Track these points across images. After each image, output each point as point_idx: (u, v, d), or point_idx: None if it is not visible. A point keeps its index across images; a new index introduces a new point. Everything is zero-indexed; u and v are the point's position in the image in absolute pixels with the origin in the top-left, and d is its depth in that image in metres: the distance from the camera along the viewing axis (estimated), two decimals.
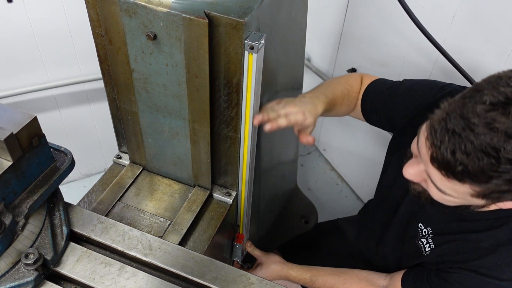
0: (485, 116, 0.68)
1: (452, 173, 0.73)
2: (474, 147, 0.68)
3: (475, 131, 0.68)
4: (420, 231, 1.09)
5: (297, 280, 1.31)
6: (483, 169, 0.69)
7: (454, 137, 0.70)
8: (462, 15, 1.39)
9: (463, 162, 0.70)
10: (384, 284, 1.19)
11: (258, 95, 0.95)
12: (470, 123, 0.68)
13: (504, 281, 0.92)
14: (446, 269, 1.02)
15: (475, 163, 0.69)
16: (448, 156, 0.71)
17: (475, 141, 0.68)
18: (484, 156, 0.68)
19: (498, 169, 0.68)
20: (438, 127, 0.73)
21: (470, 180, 0.72)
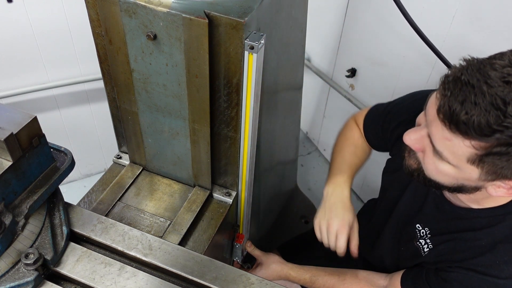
0: (502, 71, 0.69)
1: (455, 124, 0.73)
2: (484, 98, 0.68)
3: (488, 83, 0.69)
4: (418, 232, 1.09)
5: (297, 280, 1.31)
6: (488, 121, 0.69)
7: (467, 87, 0.71)
8: (462, 15, 1.39)
9: (470, 112, 0.70)
10: (383, 284, 1.19)
11: (258, 95, 0.95)
12: (486, 75, 0.69)
13: (503, 279, 0.92)
14: (444, 268, 1.02)
15: (482, 113, 0.69)
16: (456, 105, 0.71)
17: (487, 92, 0.68)
18: (492, 108, 0.68)
19: (503, 123, 0.68)
20: (452, 78, 0.73)
21: (473, 132, 0.71)
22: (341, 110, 2.22)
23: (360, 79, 2.00)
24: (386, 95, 1.85)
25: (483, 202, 0.93)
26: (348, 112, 2.14)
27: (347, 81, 2.07)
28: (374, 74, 1.90)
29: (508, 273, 0.91)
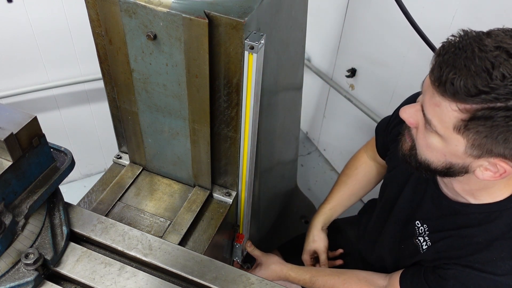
0: (495, 39, 0.73)
1: (444, 85, 0.75)
2: (474, 61, 0.72)
3: (481, 48, 0.72)
4: (417, 229, 1.09)
5: (296, 281, 1.31)
6: (475, 82, 0.72)
7: (460, 51, 0.74)
8: (462, 15, 1.39)
9: (459, 73, 0.73)
10: (383, 284, 1.19)
11: (258, 95, 0.95)
12: (480, 43, 0.73)
13: (499, 275, 0.92)
14: (442, 266, 1.02)
15: (470, 75, 0.72)
16: (447, 67, 0.74)
17: (478, 56, 0.72)
18: (481, 71, 0.71)
19: (489, 84, 0.71)
20: (448, 44, 0.77)
21: (459, 91, 0.73)
22: (341, 110, 2.22)
23: (360, 79, 2.00)
24: (386, 95, 1.85)
25: (479, 195, 0.93)
26: (348, 112, 2.14)
27: (347, 81, 2.07)
28: (374, 74, 1.90)
29: (505, 269, 0.92)
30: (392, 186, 1.19)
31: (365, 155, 1.43)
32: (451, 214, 1.01)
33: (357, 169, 1.42)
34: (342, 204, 1.44)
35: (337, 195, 1.43)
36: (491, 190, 0.92)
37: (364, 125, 2.07)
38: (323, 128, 2.46)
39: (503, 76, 0.70)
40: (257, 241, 1.56)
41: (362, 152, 1.45)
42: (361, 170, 1.42)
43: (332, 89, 2.20)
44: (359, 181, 1.42)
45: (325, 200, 1.45)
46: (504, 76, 0.70)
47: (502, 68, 0.70)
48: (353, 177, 1.42)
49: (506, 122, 0.72)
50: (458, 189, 0.95)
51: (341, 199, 1.43)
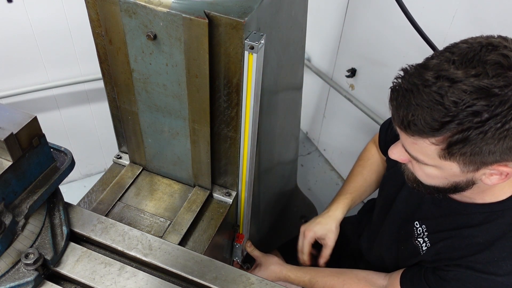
0: (432, 69, 0.75)
1: (409, 127, 0.78)
2: (423, 98, 0.74)
3: (424, 84, 0.74)
4: (416, 230, 1.09)
5: (296, 282, 1.31)
6: (433, 117, 0.73)
7: (408, 93, 0.77)
8: (462, 15, 1.39)
9: (415, 113, 0.75)
10: (383, 284, 1.19)
11: (258, 95, 0.95)
12: (422, 78, 0.75)
13: (501, 276, 0.92)
14: (442, 267, 1.02)
15: (425, 111, 0.74)
16: (403, 111, 0.77)
17: (424, 92, 0.74)
18: (434, 104, 0.73)
19: (448, 114, 0.72)
20: (395, 88, 0.80)
21: (424, 129, 0.75)
22: (341, 110, 2.22)
23: (360, 79, 2.00)
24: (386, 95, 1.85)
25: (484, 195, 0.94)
26: (348, 112, 2.14)
27: (347, 81, 2.07)
28: (374, 74, 1.90)
29: (507, 269, 0.91)
30: (390, 185, 1.19)
31: (374, 147, 1.43)
32: (451, 214, 1.01)
33: (369, 160, 1.41)
34: (360, 196, 1.38)
35: (356, 185, 1.38)
36: (495, 190, 0.92)
37: (364, 125, 2.07)
38: (323, 128, 2.46)
39: (455, 102, 0.71)
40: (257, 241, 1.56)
41: (372, 144, 1.44)
42: (374, 160, 1.40)
43: (332, 89, 2.20)
44: (374, 171, 1.40)
45: (343, 191, 1.39)
46: (456, 102, 0.71)
47: (450, 96, 0.71)
48: (368, 168, 1.40)
49: (482, 138, 0.73)
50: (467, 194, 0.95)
51: (360, 190, 1.38)
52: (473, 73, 0.71)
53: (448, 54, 0.76)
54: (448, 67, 0.73)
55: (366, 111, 1.95)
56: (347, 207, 1.34)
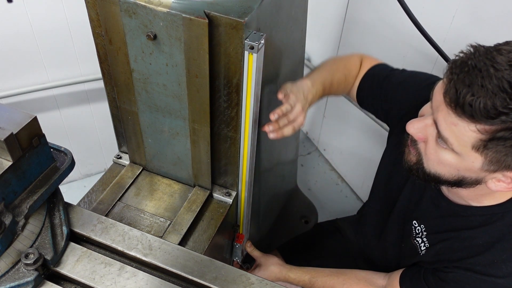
0: (508, 56, 0.71)
1: (462, 107, 0.73)
2: (491, 81, 0.70)
3: (495, 67, 0.70)
4: (414, 229, 1.09)
5: (296, 282, 1.31)
6: (494, 103, 0.70)
7: (474, 71, 0.72)
8: (462, 15, 1.39)
9: (477, 94, 0.71)
10: (383, 284, 1.19)
11: (258, 95, 0.95)
12: (493, 60, 0.71)
13: (501, 277, 0.92)
14: (442, 268, 1.02)
15: (488, 96, 0.70)
16: (463, 88, 0.72)
17: (494, 76, 0.70)
18: (499, 90, 0.69)
19: (509, 105, 0.69)
20: (460, 62, 0.75)
21: (478, 114, 0.72)
22: (341, 110, 2.22)
23: None
24: None
25: (483, 199, 0.93)
26: (348, 112, 2.14)
27: None
28: None
29: (507, 271, 0.91)
30: (396, 180, 1.16)
31: (358, 64, 1.26)
32: (450, 216, 1.00)
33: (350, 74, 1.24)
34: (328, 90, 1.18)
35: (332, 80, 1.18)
36: (496, 194, 0.91)
37: (364, 125, 2.07)
38: (323, 128, 2.46)
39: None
40: (257, 241, 1.56)
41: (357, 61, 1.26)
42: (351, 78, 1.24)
43: None
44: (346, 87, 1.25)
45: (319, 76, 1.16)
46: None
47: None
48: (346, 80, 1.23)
49: None
50: (463, 194, 0.94)
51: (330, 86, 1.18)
52: None
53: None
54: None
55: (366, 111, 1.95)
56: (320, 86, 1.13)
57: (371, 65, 1.22)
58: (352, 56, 1.26)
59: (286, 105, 0.98)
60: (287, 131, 0.99)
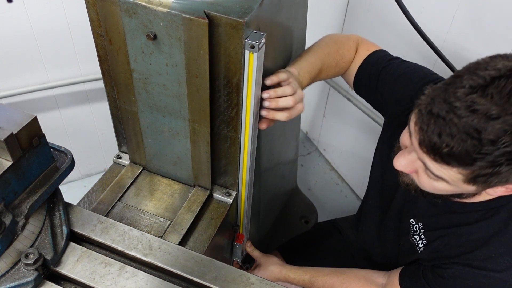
0: (465, 99, 0.70)
1: (439, 156, 0.75)
2: (458, 129, 0.71)
3: (457, 114, 0.71)
4: (412, 227, 1.09)
5: (296, 282, 1.31)
6: (467, 151, 0.71)
7: (439, 120, 0.73)
8: (462, 15, 1.39)
9: (449, 144, 0.72)
10: (382, 283, 1.19)
11: (258, 95, 0.95)
12: (452, 106, 0.71)
13: (499, 271, 0.93)
14: (440, 265, 1.02)
15: (459, 144, 0.71)
16: (435, 139, 0.74)
17: (458, 123, 0.71)
18: (468, 137, 0.70)
19: (481, 151, 0.70)
20: (425, 111, 0.76)
21: (456, 162, 0.74)
22: (341, 110, 2.22)
23: None
24: None
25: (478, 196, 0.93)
26: (348, 112, 2.14)
27: None
28: None
29: (504, 265, 0.92)
30: (391, 177, 1.16)
31: (353, 50, 1.23)
32: (447, 213, 1.01)
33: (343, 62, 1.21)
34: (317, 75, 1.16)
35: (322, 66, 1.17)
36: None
37: (364, 125, 2.07)
38: (323, 128, 2.46)
39: (493, 141, 0.69)
40: (257, 241, 1.56)
41: (353, 46, 1.23)
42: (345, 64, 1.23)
43: (332, 89, 2.20)
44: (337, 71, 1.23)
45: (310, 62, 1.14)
46: (494, 141, 0.69)
47: (488, 134, 0.69)
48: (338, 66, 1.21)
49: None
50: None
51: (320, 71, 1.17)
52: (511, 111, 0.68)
53: (479, 80, 0.71)
54: (484, 102, 0.69)
55: (366, 111, 1.95)
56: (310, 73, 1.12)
57: (368, 51, 1.21)
58: (348, 40, 1.23)
59: (288, 88, 0.96)
60: (281, 115, 0.98)
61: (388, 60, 1.17)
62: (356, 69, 1.21)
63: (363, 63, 1.20)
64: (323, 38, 1.23)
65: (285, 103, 0.97)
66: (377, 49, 1.21)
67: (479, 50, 1.38)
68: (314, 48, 1.18)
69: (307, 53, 1.16)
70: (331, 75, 1.23)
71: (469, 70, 0.74)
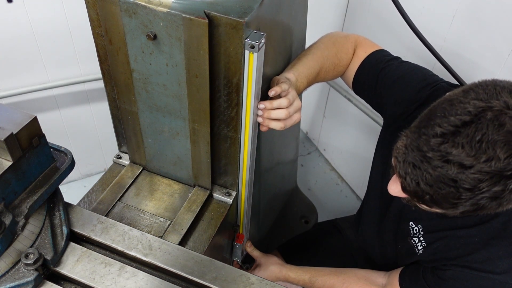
0: (438, 149, 0.71)
1: (422, 201, 0.78)
2: (434, 179, 0.72)
3: (431, 164, 0.72)
4: (412, 230, 1.09)
5: (296, 281, 1.31)
6: (446, 197, 0.73)
7: (415, 169, 0.75)
8: (462, 15, 1.39)
9: (428, 192, 0.75)
10: (382, 283, 1.19)
11: (259, 95, 0.95)
12: (426, 157, 0.73)
13: (498, 274, 0.93)
14: (440, 266, 1.02)
15: (438, 193, 0.73)
16: (414, 187, 0.76)
17: (433, 173, 0.72)
18: (445, 186, 0.72)
19: (461, 197, 0.72)
20: (401, 159, 0.77)
21: (439, 207, 0.77)
22: (341, 110, 2.22)
23: None
24: None
25: None
26: (348, 112, 2.14)
27: None
28: None
29: (503, 268, 0.92)
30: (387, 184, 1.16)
31: (351, 52, 1.22)
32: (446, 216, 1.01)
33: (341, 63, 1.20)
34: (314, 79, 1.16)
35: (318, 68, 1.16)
36: None
37: (364, 125, 2.07)
38: (323, 128, 2.46)
39: (470, 189, 0.70)
40: (257, 241, 1.56)
41: (351, 47, 1.22)
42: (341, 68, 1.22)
43: (332, 89, 2.20)
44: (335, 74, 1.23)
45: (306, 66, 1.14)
46: (471, 189, 0.70)
47: (464, 183, 0.70)
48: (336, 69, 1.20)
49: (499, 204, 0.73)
50: None
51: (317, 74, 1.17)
52: (484, 159, 0.68)
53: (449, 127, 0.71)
54: (456, 152, 0.69)
55: (366, 111, 1.95)
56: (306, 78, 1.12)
57: (366, 53, 1.20)
58: (346, 41, 1.21)
59: (284, 100, 0.96)
60: (275, 124, 0.99)
61: (387, 61, 1.16)
62: (355, 71, 1.20)
63: (361, 65, 1.19)
64: (322, 38, 1.23)
65: (278, 116, 0.98)
66: (375, 50, 1.21)
67: (478, 51, 1.38)
68: (312, 51, 1.18)
69: (306, 55, 1.16)
70: (328, 78, 1.23)
71: (442, 111, 0.73)
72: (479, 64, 1.39)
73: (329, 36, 1.24)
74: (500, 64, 1.32)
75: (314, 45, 1.20)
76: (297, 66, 1.12)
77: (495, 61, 1.33)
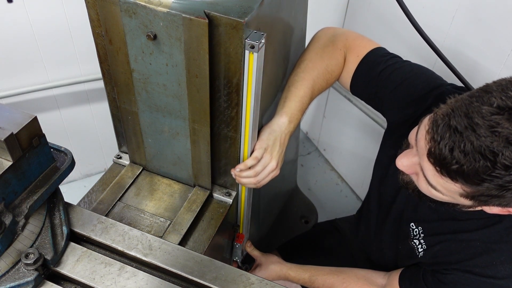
0: (489, 119, 0.67)
1: (446, 171, 0.73)
2: (473, 148, 0.68)
3: (476, 132, 0.68)
4: (412, 231, 1.09)
5: (296, 280, 1.31)
6: (477, 171, 0.69)
7: (455, 134, 0.70)
8: (462, 15, 1.39)
9: (460, 161, 0.70)
10: (382, 283, 1.19)
11: (258, 95, 0.95)
12: (473, 123, 0.68)
13: (500, 279, 0.92)
14: (441, 270, 1.02)
15: (471, 163, 0.69)
16: (446, 153, 0.71)
17: (475, 142, 0.68)
18: (481, 158, 0.67)
19: (492, 173, 0.68)
20: (441, 122, 0.72)
21: (463, 180, 0.72)
22: (341, 110, 2.22)
23: None
24: None
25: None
26: (348, 112, 2.14)
27: None
28: None
29: (505, 273, 0.92)
30: (391, 182, 1.15)
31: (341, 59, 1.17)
32: (448, 219, 1.00)
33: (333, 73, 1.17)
34: None
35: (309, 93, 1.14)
36: None
37: (364, 125, 2.07)
38: (323, 128, 2.46)
39: (507, 167, 0.67)
40: (257, 241, 1.56)
41: (339, 54, 1.17)
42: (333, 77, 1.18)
43: (332, 89, 2.20)
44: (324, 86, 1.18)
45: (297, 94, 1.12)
46: (508, 166, 0.66)
47: (504, 159, 0.66)
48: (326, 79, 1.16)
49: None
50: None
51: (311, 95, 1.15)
52: None
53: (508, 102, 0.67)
54: (508, 126, 0.66)
55: (366, 111, 1.95)
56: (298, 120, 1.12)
57: (359, 57, 1.14)
58: (334, 50, 1.16)
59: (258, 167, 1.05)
60: (247, 182, 1.08)
61: (385, 62, 1.12)
62: (351, 76, 1.16)
63: (356, 70, 1.15)
64: (306, 53, 1.17)
65: (246, 182, 1.08)
66: (368, 51, 1.15)
67: (479, 50, 1.38)
68: (300, 75, 1.13)
69: (294, 84, 1.12)
70: (323, 91, 1.20)
71: (500, 87, 0.70)
72: (478, 66, 1.39)
73: (314, 45, 1.18)
74: (500, 65, 1.32)
75: (301, 66, 1.15)
76: (288, 103, 1.10)
77: (495, 63, 1.33)
